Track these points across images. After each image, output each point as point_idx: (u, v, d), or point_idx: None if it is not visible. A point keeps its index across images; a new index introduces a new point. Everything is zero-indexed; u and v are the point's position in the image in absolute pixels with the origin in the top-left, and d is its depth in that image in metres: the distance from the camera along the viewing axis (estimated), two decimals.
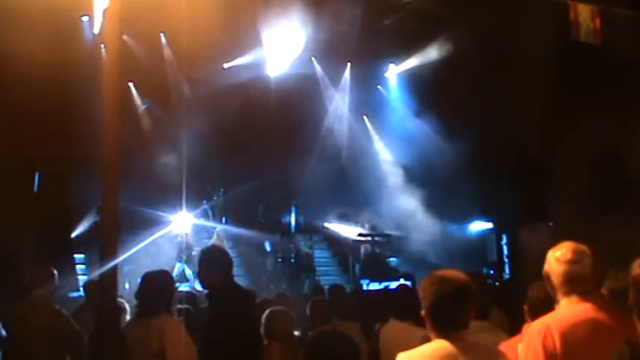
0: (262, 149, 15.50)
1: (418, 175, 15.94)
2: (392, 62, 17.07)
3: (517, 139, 13.14)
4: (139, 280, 4.63)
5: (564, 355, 2.68)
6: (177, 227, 13.98)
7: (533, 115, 12.62)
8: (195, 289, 10.72)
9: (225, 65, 15.27)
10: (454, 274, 2.67)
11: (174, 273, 12.56)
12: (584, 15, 8.85)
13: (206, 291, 4.67)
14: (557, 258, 2.90)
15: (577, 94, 11.75)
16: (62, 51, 10.44)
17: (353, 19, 13.44)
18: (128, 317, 5.50)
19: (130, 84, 14.76)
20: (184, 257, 13.45)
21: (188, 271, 13.28)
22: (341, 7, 12.93)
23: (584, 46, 9.45)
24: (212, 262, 4.57)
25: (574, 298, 2.84)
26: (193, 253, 13.23)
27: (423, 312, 2.65)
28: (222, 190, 15.70)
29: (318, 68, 16.58)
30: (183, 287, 11.49)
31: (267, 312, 5.08)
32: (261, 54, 15.01)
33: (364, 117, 17.59)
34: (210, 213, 15.33)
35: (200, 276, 4.71)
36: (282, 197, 16.10)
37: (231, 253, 12.50)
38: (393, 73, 17.30)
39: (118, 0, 4.87)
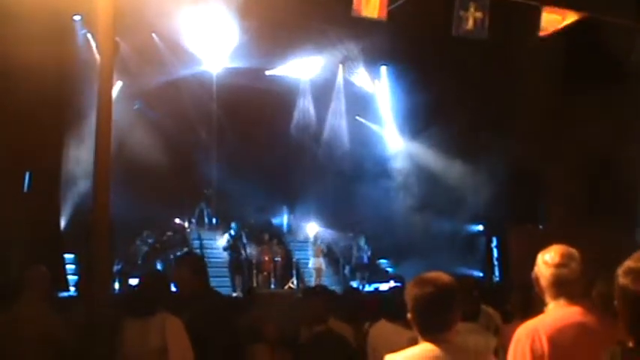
0: (255, 150, 15.50)
1: (411, 178, 15.97)
2: (384, 64, 17.09)
3: (509, 143, 13.20)
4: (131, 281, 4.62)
5: (552, 359, 2.70)
6: None
7: (525, 120, 12.70)
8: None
9: (216, 68, 15.26)
10: (438, 276, 2.68)
11: None
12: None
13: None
14: (545, 261, 2.93)
15: (568, 100, 11.83)
16: (54, 51, 10.39)
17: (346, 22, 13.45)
18: None
19: (122, 84, 14.70)
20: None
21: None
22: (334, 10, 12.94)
23: (579, 55, 9.46)
24: (194, 268, 4.58)
25: (562, 302, 2.87)
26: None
27: (408, 315, 2.68)
28: (210, 191, 15.62)
29: (314, 71, 16.58)
30: None
31: (253, 314, 5.08)
32: (250, 56, 15.00)
33: (359, 118, 17.60)
34: (205, 213, 15.32)
35: (182, 282, 4.63)
36: (274, 198, 16.08)
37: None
38: (385, 75, 17.32)
39: (110, 1, 4.87)
